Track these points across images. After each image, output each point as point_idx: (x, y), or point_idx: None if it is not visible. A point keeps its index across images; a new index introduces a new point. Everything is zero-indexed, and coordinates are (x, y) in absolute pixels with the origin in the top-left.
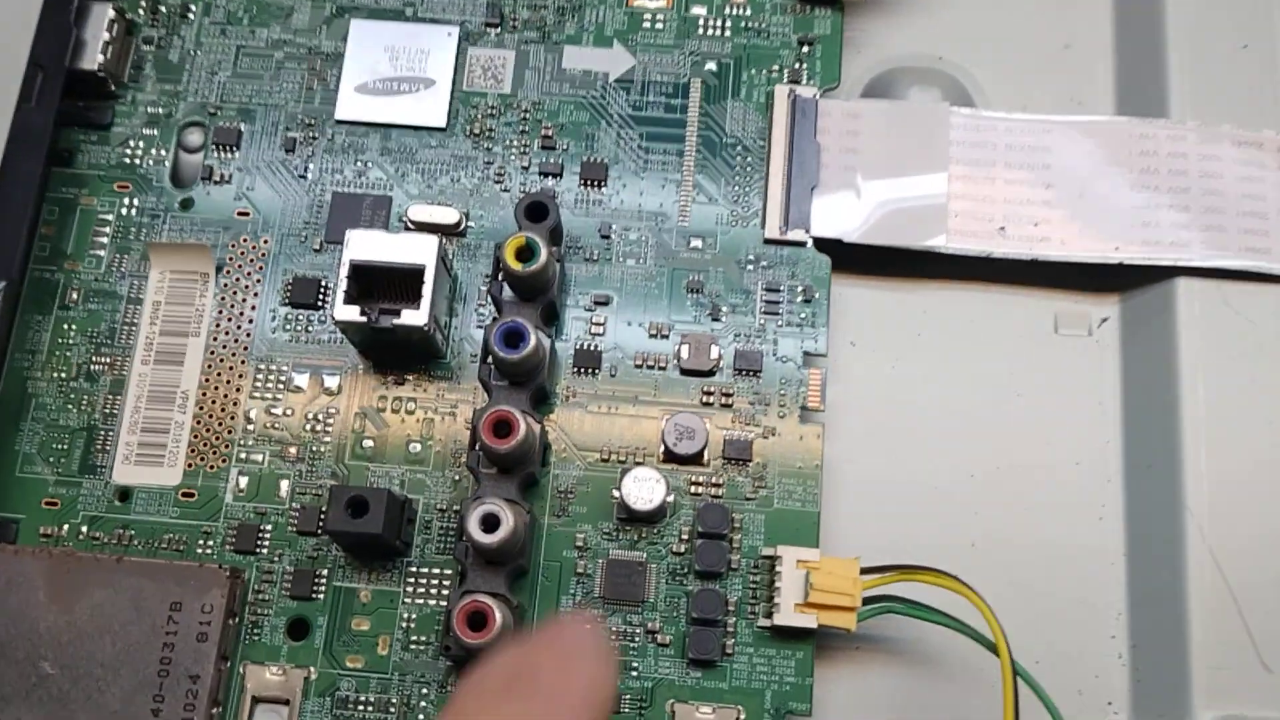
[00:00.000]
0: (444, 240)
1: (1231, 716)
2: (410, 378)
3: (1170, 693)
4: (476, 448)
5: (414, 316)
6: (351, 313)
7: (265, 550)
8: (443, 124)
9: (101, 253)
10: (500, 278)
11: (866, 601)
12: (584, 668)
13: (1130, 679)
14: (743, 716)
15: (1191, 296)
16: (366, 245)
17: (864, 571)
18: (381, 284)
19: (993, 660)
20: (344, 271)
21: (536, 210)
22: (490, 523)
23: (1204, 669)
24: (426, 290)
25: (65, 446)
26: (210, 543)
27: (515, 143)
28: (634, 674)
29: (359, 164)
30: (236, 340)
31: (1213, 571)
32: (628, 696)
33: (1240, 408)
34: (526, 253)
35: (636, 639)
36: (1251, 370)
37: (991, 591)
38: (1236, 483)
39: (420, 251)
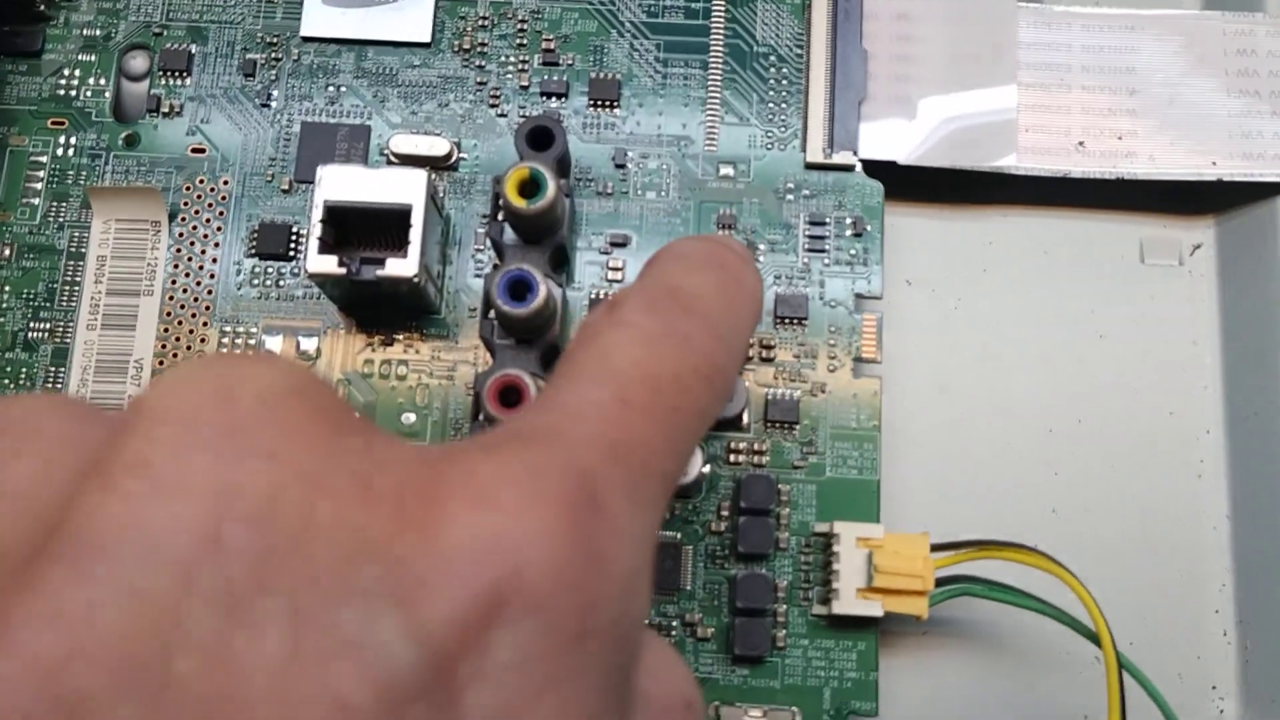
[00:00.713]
0: (433, 175)
1: None
2: (400, 337)
3: None
4: (480, 419)
5: (401, 266)
6: (328, 264)
7: None
8: (427, 39)
9: (36, 200)
10: (500, 217)
11: (939, 583)
12: (752, 268)
13: (1238, 659)
14: (798, 719)
15: None
16: (343, 184)
17: (934, 549)
18: (362, 229)
19: (1080, 641)
20: (317, 215)
21: (540, 136)
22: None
23: None
24: (415, 235)
25: None
26: None
27: (512, 59)
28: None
29: (331, 89)
30: (196, 299)
31: None
32: None
33: None
34: (531, 186)
35: (674, 633)
36: None
37: (1076, 563)
38: None
39: (406, 189)
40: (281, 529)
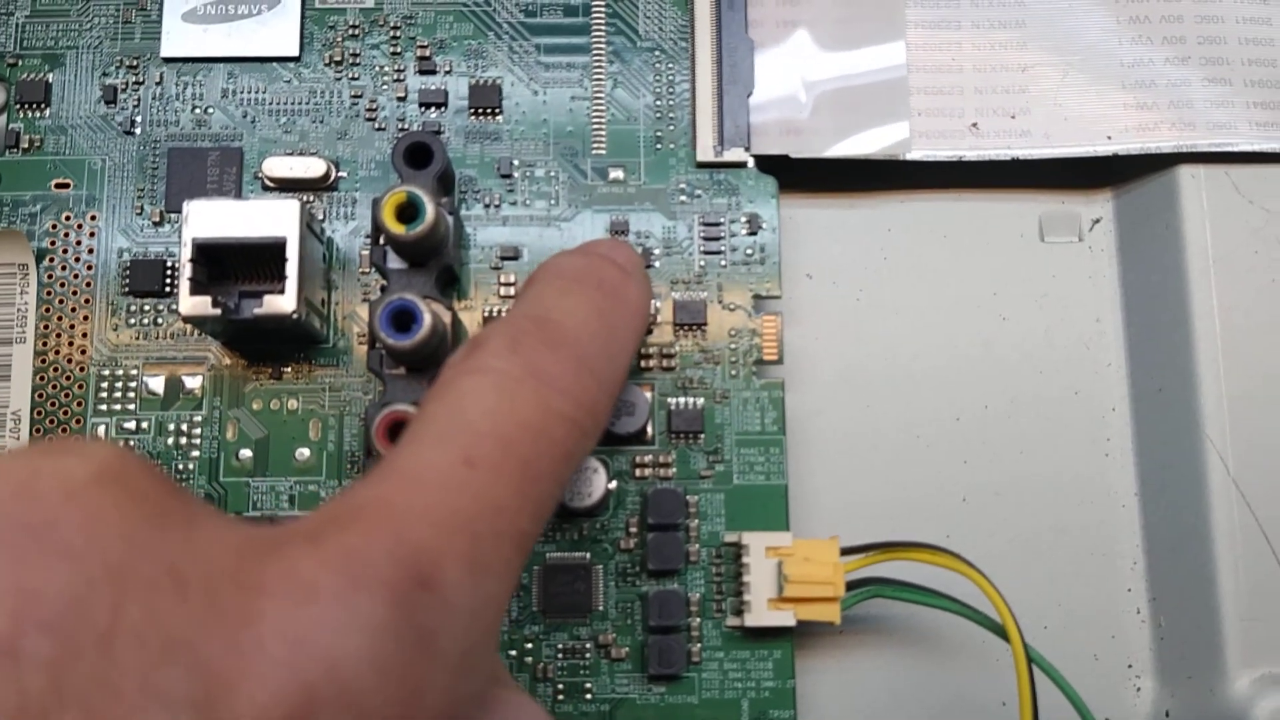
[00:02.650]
0: (309, 200)
1: (1273, 675)
2: (288, 370)
3: (1200, 651)
4: (373, 455)
5: (279, 303)
6: (202, 305)
7: None
8: (295, 52)
9: None
10: (382, 242)
11: (850, 586)
12: (637, 280)
13: (1152, 637)
14: None
15: (1196, 185)
16: (211, 219)
17: (844, 552)
18: (237, 262)
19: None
20: (186, 255)
21: (418, 154)
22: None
23: (1237, 621)
24: (291, 269)
25: None
26: None
27: (386, 68)
28: (588, 696)
29: (197, 111)
30: (72, 343)
31: (1240, 507)
32: None
33: (1261, 312)
34: (409, 210)
35: (588, 655)
36: (1270, 267)
37: (989, 549)
38: (1261, 401)
39: (279, 220)
40: (84, 634)
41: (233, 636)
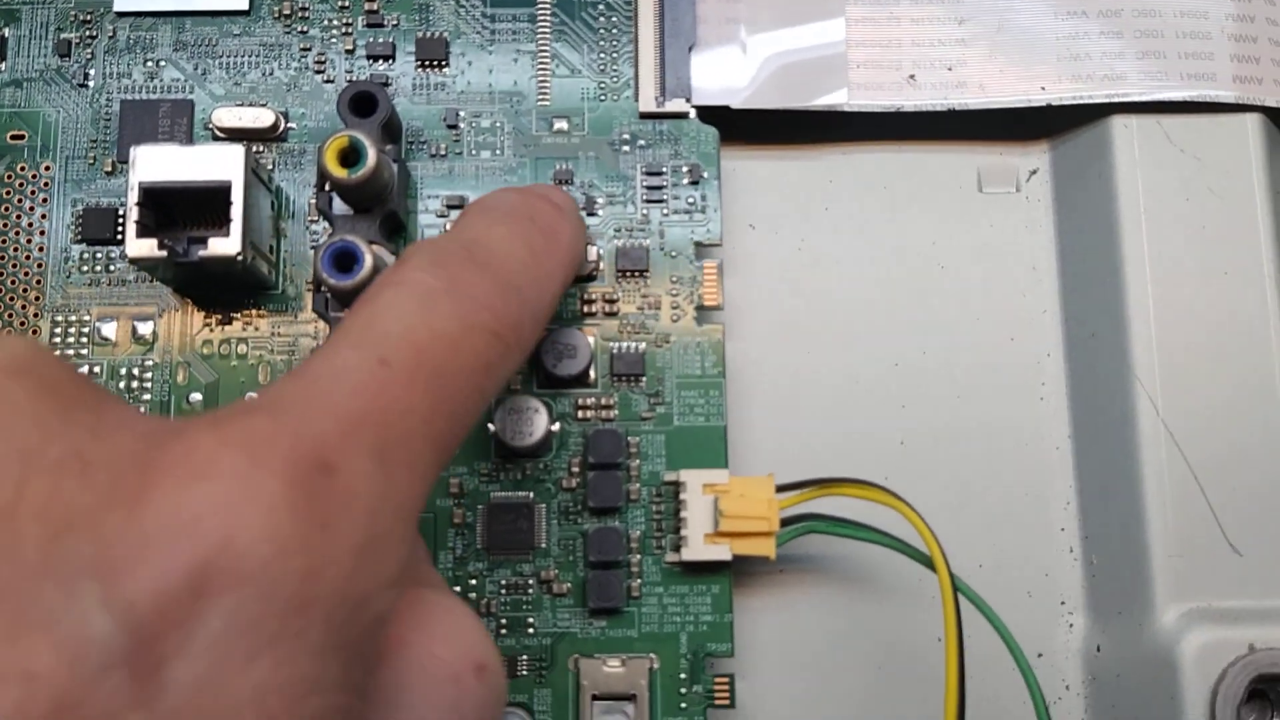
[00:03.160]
0: (258, 148)
1: (1199, 610)
2: (238, 315)
3: (1129, 587)
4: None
5: (224, 245)
6: (147, 247)
7: None
8: (245, 6)
9: None
10: (327, 188)
11: (785, 523)
12: (570, 220)
13: (1084, 574)
14: (656, 666)
15: (1129, 135)
16: (159, 163)
17: (780, 489)
18: (184, 207)
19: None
20: (133, 198)
21: (363, 102)
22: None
23: (1165, 558)
24: (236, 213)
25: None
26: None
27: (335, 22)
28: (530, 631)
29: (149, 64)
30: (26, 290)
31: (1169, 447)
32: (525, 657)
33: (1190, 259)
34: (352, 155)
35: (530, 591)
36: (1201, 215)
37: (926, 492)
38: (1190, 346)
39: (224, 165)
40: None
41: (132, 511)
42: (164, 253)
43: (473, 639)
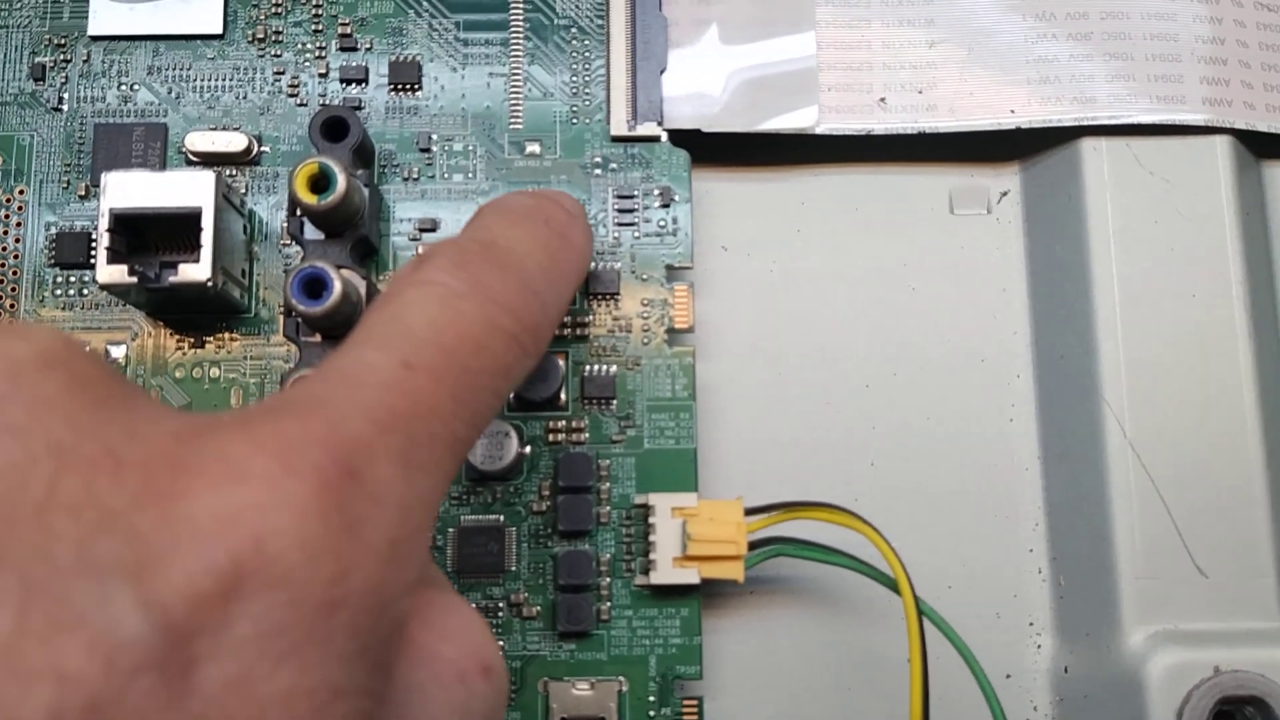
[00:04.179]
0: (231, 172)
1: (1166, 631)
2: (210, 339)
3: (1097, 608)
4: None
5: (195, 271)
6: (118, 273)
7: None
8: (219, 30)
9: None
10: (298, 213)
11: (754, 545)
12: (582, 225)
13: (1052, 595)
14: (625, 688)
15: (1098, 157)
16: (130, 190)
17: (749, 512)
18: (156, 232)
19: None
20: (104, 224)
21: (335, 127)
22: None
23: (1132, 580)
24: (206, 238)
25: None
26: None
27: (308, 45)
28: (501, 653)
29: (123, 88)
30: (0, 314)
31: (1136, 469)
32: None
33: (1159, 281)
34: (321, 181)
35: (500, 614)
36: (1169, 237)
37: (897, 512)
38: (1158, 368)
39: (195, 191)
40: (22, 504)
41: (165, 511)
42: (134, 279)
43: (479, 639)
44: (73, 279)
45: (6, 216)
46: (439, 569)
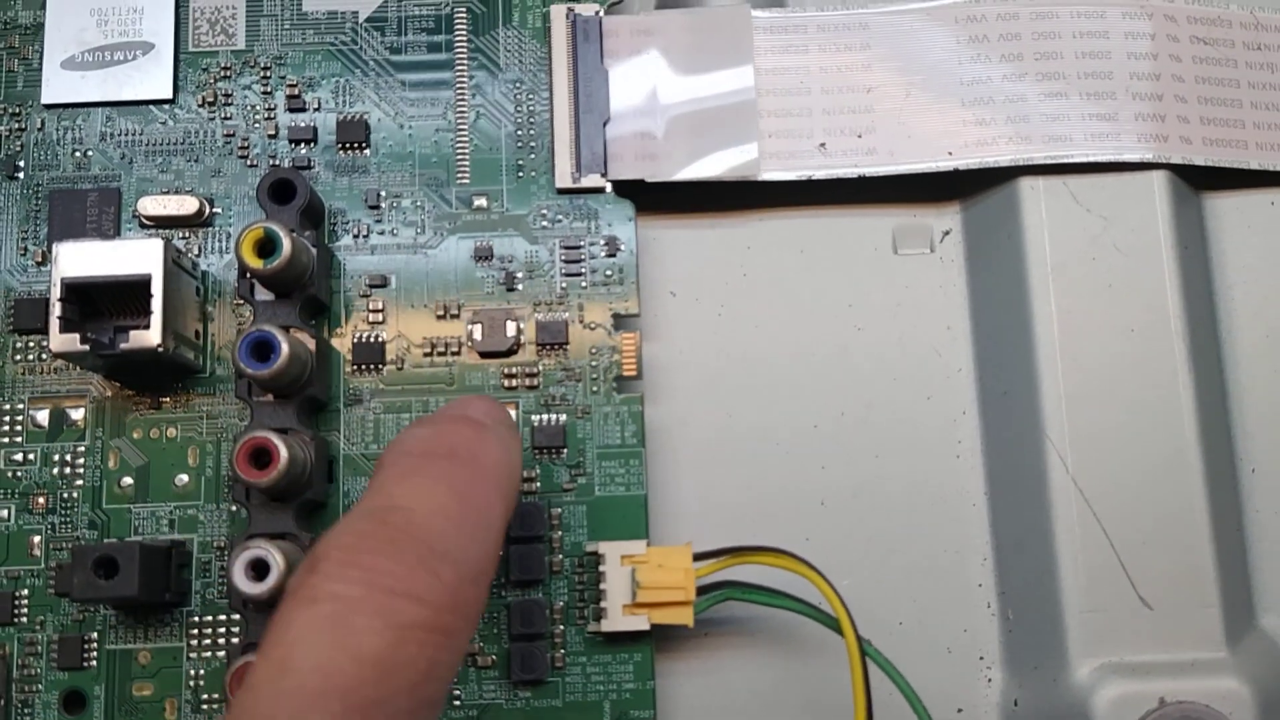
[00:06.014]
0: (184, 234)
1: (1112, 664)
2: (166, 400)
3: (1045, 642)
4: (239, 482)
5: (145, 337)
6: (70, 342)
7: (25, 618)
8: (169, 94)
9: None
10: (248, 276)
11: (703, 590)
12: (497, 436)
13: (1001, 629)
14: None
15: (1036, 196)
16: (81, 259)
17: (698, 558)
18: (108, 299)
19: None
20: (56, 294)
21: (281, 189)
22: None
23: (1078, 613)
24: (156, 305)
25: None
26: None
27: (258, 107)
28: (457, 703)
29: (78, 154)
30: None
31: (1080, 504)
32: None
33: (1098, 317)
34: (267, 246)
35: None
36: (1107, 273)
37: (847, 550)
38: (1098, 403)
39: (144, 259)
40: None
41: None
42: (86, 347)
43: None
44: (31, 344)
45: None
46: None
